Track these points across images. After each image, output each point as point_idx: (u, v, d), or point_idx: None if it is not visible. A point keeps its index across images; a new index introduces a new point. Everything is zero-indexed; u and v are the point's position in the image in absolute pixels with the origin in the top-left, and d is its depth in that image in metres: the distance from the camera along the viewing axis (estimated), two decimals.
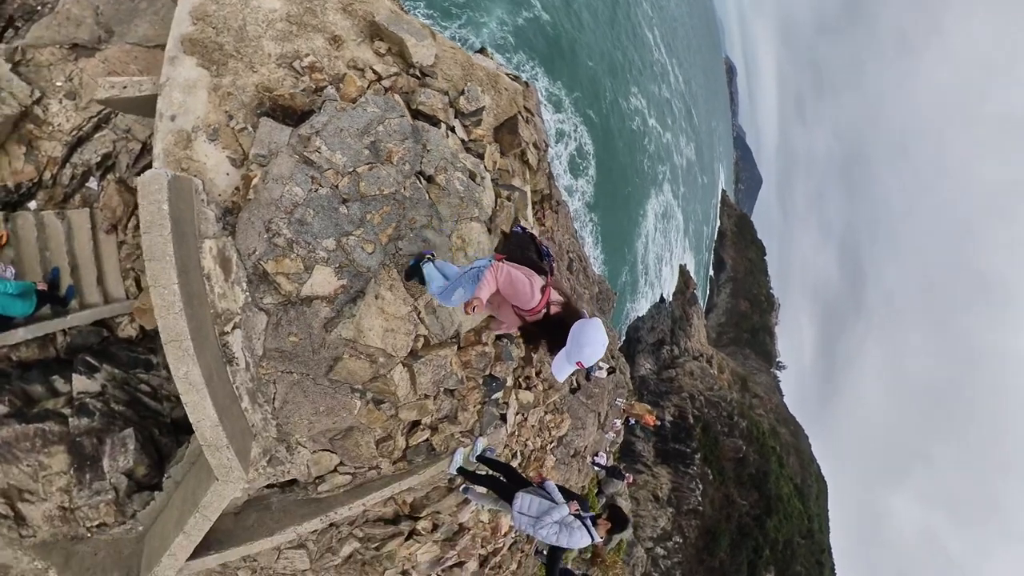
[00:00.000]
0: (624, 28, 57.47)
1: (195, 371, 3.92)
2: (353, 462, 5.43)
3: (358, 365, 4.97)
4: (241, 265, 4.69)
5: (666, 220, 65.23)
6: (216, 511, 4.39)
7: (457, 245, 5.99)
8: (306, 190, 4.78)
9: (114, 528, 5.49)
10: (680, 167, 72.09)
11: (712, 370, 50.70)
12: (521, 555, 10.70)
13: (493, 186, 7.73)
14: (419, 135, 5.46)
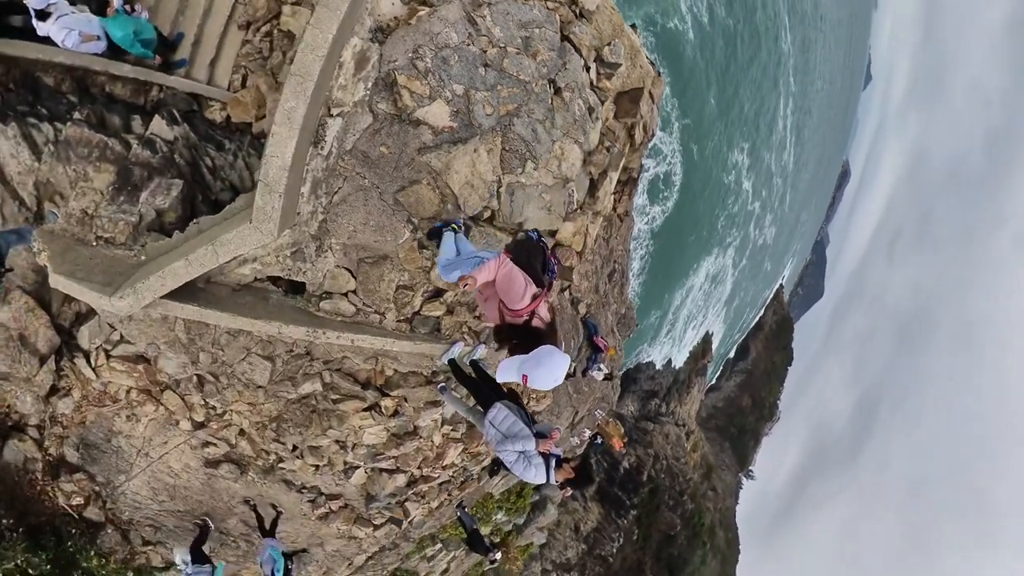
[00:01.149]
0: (760, 83, 55.63)
1: (300, 111, 3.90)
2: (366, 296, 5.34)
3: (429, 196, 4.96)
4: (376, 68, 4.91)
5: (714, 284, 63.90)
6: (229, 253, 4.35)
7: (556, 154, 6.02)
8: (460, 40, 5.23)
9: (118, 248, 5.54)
10: (752, 242, 70.24)
11: (686, 444, 50.01)
12: (446, 497, 10.63)
13: (605, 130, 7.63)
14: (563, 53, 6.17)
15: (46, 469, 7.54)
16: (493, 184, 5.67)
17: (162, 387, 6.68)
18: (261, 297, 5.40)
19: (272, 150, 4.11)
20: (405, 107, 5.04)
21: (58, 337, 6.44)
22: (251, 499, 8.35)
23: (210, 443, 7.36)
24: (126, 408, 6.99)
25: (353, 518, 9.26)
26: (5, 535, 7.18)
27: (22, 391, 6.65)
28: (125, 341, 6.35)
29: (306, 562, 9.86)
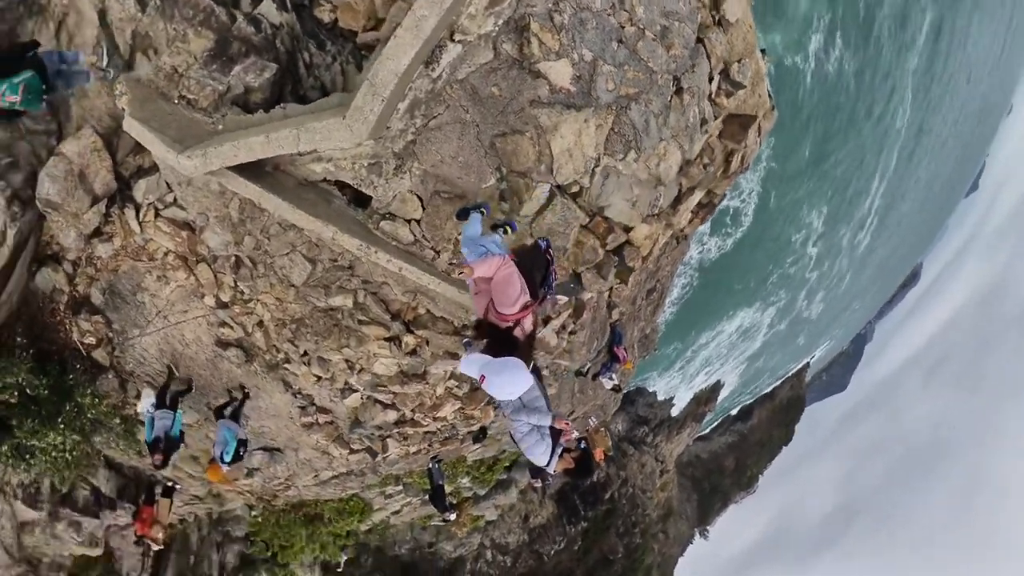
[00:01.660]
0: (860, 152, 52.39)
1: (430, 23, 3.75)
2: (428, 230, 5.25)
3: (527, 151, 4.83)
4: (513, 7, 4.73)
5: (743, 337, 62.12)
6: (313, 142, 4.30)
7: (659, 153, 5.84)
8: (602, 7, 5.06)
9: (198, 112, 5.58)
10: (795, 310, 67.70)
11: (657, 480, 49.68)
12: (426, 447, 10.74)
13: (706, 146, 7.38)
14: (695, 55, 6.04)
15: (69, 304, 7.89)
16: (591, 160, 5.51)
17: (199, 258, 6.82)
18: (324, 198, 5.37)
19: (389, 52, 3.98)
20: (530, 55, 4.89)
21: (115, 184, 6.62)
22: (247, 388, 8.54)
23: (227, 325, 7.52)
24: (159, 269, 7.21)
25: (334, 436, 9.44)
26: (16, 352, 7.64)
27: (68, 225, 6.85)
28: (177, 205, 6.47)
29: (277, 460, 10.15)
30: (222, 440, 7.76)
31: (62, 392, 8.21)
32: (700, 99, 6.51)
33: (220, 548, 18.59)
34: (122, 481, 11.41)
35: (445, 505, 11.88)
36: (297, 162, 5.19)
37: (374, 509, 14.47)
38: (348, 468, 10.91)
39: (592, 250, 6.39)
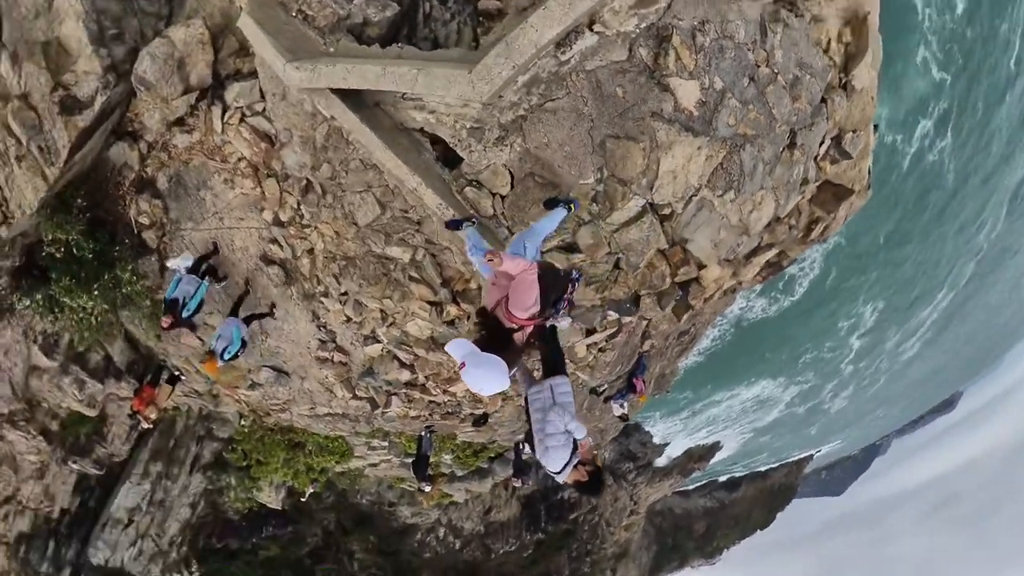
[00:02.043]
0: (935, 256, 49.41)
1: (585, 4, 3.56)
2: (510, 208, 5.16)
3: (636, 160, 4.73)
4: (658, 14, 4.65)
5: (758, 408, 60.19)
6: (429, 86, 4.26)
7: (755, 201, 6.10)
8: (744, 40, 5.06)
9: (312, 30, 5.62)
10: (818, 397, 64.95)
11: (624, 520, 49.21)
12: (427, 415, 10.77)
13: (795, 206, 7.20)
14: (816, 114, 6.05)
15: (135, 182, 8.15)
16: (692, 189, 5.41)
17: (270, 173, 6.87)
18: (415, 148, 5.30)
19: (535, 21, 3.86)
20: (664, 67, 4.75)
21: (211, 80, 6.78)
22: (275, 308, 8.57)
23: (277, 243, 7.59)
24: (228, 172, 7.32)
25: (343, 377, 9.53)
26: (73, 211, 7.99)
27: (154, 108, 7.05)
28: (265, 116, 6.51)
29: (282, 383, 10.31)
30: (228, 336, 7.82)
31: (104, 261, 8.54)
32: (808, 158, 6.49)
33: (200, 442, 19.28)
34: (134, 357, 11.83)
35: (425, 475, 11.91)
36: (399, 104, 5.12)
37: (354, 455, 14.67)
38: (345, 411, 11.03)
39: (661, 276, 6.28)
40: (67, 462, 14.40)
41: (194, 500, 19.57)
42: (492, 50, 3.96)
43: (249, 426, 13.74)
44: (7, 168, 7.58)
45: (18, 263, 9.02)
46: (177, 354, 11.00)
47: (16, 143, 7.25)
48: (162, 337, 10.42)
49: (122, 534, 17.94)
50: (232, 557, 21.87)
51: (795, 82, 5.59)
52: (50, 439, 13.09)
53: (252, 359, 9.81)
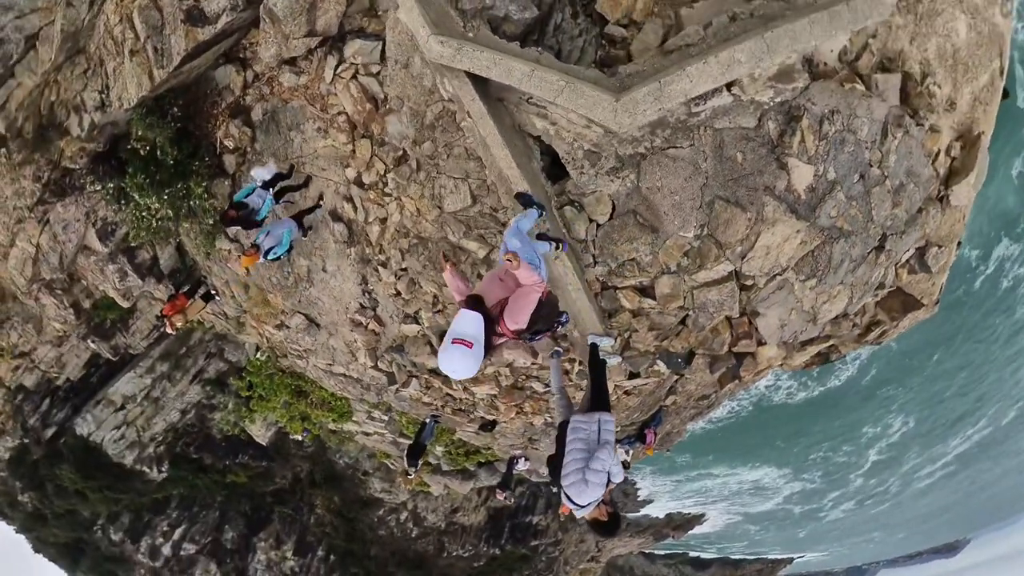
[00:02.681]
0: (981, 388, 45.97)
1: (741, 69, 3.55)
2: (601, 238, 5.17)
3: (739, 228, 4.88)
4: (794, 93, 4.80)
5: (754, 494, 57.57)
6: (572, 101, 4.45)
7: (831, 294, 6.20)
8: (865, 138, 5.27)
9: (455, 11, 5.70)
10: (818, 502, 61.71)
11: (583, 563, 48.61)
12: (437, 405, 10.84)
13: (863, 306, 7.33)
14: (912, 222, 6.19)
15: (232, 106, 8.39)
16: (778, 268, 5.47)
17: (366, 134, 6.91)
18: (527, 153, 5.32)
19: (693, 73, 3.85)
20: (786, 145, 4.86)
21: (336, 30, 6.82)
22: (322, 200, 8.30)
23: (352, 202, 7.69)
24: (325, 122, 7.43)
25: (371, 345, 9.63)
26: (167, 116, 8.30)
27: (273, 42, 7.08)
28: (378, 79, 6.55)
29: (311, 333, 10.48)
30: (278, 236, 7.59)
31: (181, 171, 8.78)
32: (891, 264, 6.67)
33: (209, 358, 19.94)
34: (179, 265, 12.26)
35: (416, 461, 11.97)
36: (522, 106, 5.14)
37: (352, 419, 14.85)
38: (360, 377, 11.15)
39: (721, 342, 6.31)
40: (87, 339, 15.11)
41: (186, 408, 20.39)
42: (643, 87, 3.94)
43: (263, 361, 14.04)
44: (119, 58, 7.90)
45: (101, 149, 9.40)
46: (220, 275, 11.32)
47: (134, 38, 7.49)
48: (211, 256, 10.72)
49: (111, 415, 18.85)
50: (202, 471, 22.67)
51: (900, 188, 5.74)
52: (79, 314, 13.70)
53: (290, 301, 10.01)
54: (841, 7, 4.23)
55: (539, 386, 8.99)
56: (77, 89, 8.76)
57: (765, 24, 4.45)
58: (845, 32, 4.39)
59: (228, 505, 25.76)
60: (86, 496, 20.22)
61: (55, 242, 11.45)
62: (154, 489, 21.77)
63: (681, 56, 4.49)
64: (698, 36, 4.55)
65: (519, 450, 14.55)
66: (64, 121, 9.27)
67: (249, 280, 10.49)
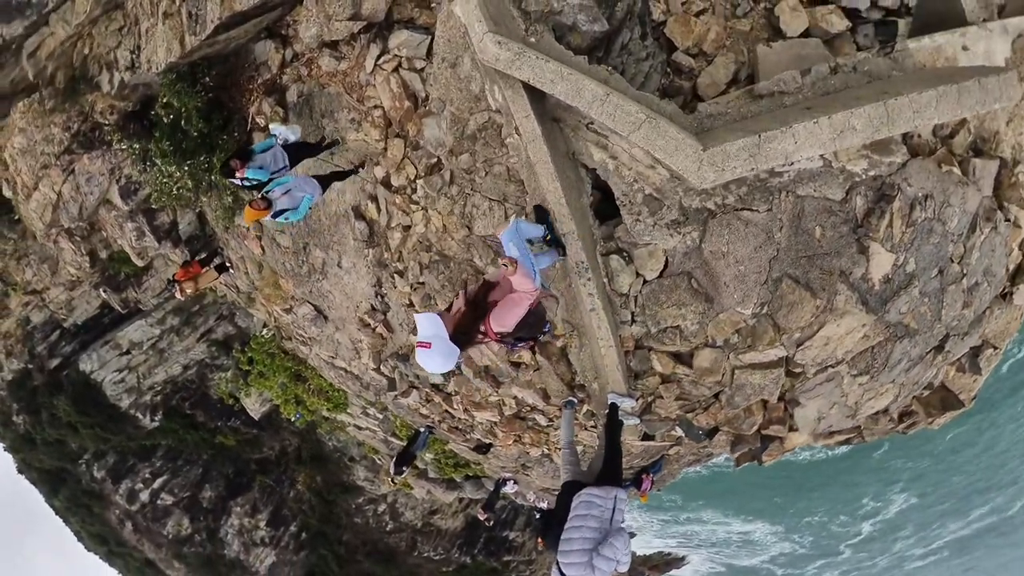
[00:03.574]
0: (986, 480, 44.98)
1: (855, 139, 3.08)
2: (646, 296, 4.60)
3: (804, 312, 4.42)
4: (889, 169, 4.31)
5: (741, 547, 55.25)
6: (649, 140, 3.72)
7: (879, 391, 5.74)
8: (952, 229, 4.88)
9: (517, 11, 5.07)
10: (802, 566, 61.36)
11: None
12: (435, 420, 10.43)
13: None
14: (976, 323, 5.83)
15: (267, 83, 7.96)
16: (832, 360, 4.98)
17: (401, 134, 6.43)
18: (577, 187, 4.77)
19: (800, 134, 3.34)
20: (872, 226, 4.32)
21: (382, 17, 6.30)
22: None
23: (376, 202, 7.18)
24: (360, 114, 6.95)
25: (376, 348, 9.23)
26: (198, 85, 7.95)
27: (315, 22, 6.68)
28: (421, 75, 6.05)
29: (318, 325, 10.14)
30: (296, 200, 6.41)
31: (207, 143, 8.44)
32: (945, 366, 6.30)
33: (220, 319, 19.84)
34: (198, 233, 12.00)
35: (403, 469, 11.60)
36: (580, 131, 4.57)
37: (346, 411, 14.54)
38: (361, 375, 10.79)
39: (751, 424, 5.71)
40: (99, 288, 15.04)
41: (189, 363, 20.52)
42: (738, 140, 3.36)
43: (267, 338, 13.78)
44: (152, 19, 7.53)
45: (132, 108, 9.19)
46: (236, 250, 11.04)
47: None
48: (229, 229, 10.43)
49: (116, 358, 19.05)
50: (193, 427, 22.88)
51: (974, 287, 5.34)
52: (94, 262, 13.59)
53: (301, 290, 9.66)
54: (972, 84, 3.56)
55: (542, 420, 8.51)
56: (111, 45, 8.47)
57: (870, 82, 3.86)
58: (970, 112, 3.75)
59: (212, 465, 25.92)
60: (77, 429, 20.39)
61: (77, 192, 11.27)
62: (144, 436, 21.97)
63: (774, 104, 3.88)
64: (795, 84, 3.92)
65: (509, 473, 14.09)
66: (96, 76, 9.03)
67: (264, 260, 10.17)
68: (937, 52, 4.11)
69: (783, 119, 3.54)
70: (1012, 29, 4.20)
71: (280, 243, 9.15)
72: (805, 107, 3.71)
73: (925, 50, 4.09)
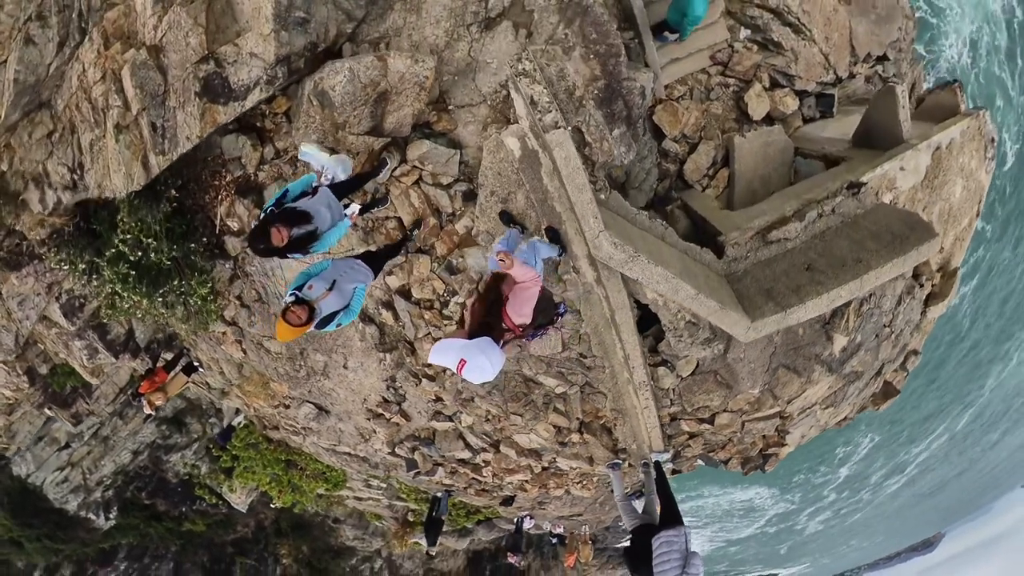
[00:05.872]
0: (938, 397, 51.70)
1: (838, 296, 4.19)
2: (683, 390, 6.23)
3: (794, 386, 6.46)
4: None
5: (743, 515, 60.88)
6: (707, 309, 5.04)
7: (840, 412, 8.27)
8: (885, 310, 6.77)
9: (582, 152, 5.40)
10: (795, 519, 66.57)
11: None
12: (461, 488, 10.76)
13: None
14: (902, 351, 8.26)
15: (240, 181, 6.95)
16: (808, 405, 7.13)
17: (429, 250, 6.11)
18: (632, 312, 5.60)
19: (811, 306, 4.95)
20: (836, 325, 6.14)
21: (408, 132, 5.76)
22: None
23: (392, 309, 7.06)
24: (369, 224, 6.32)
25: (391, 437, 9.41)
26: (161, 199, 6.86)
27: (317, 127, 5.74)
28: (447, 190, 5.76)
29: (320, 421, 10.16)
30: (346, 295, 4.73)
31: (180, 257, 7.52)
32: (883, 377, 8.55)
33: (203, 422, 18.71)
34: (159, 337, 11.54)
35: (435, 539, 11.81)
36: (637, 279, 5.33)
37: (346, 486, 14.53)
38: (368, 457, 10.91)
39: (755, 449, 7.90)
40: (43, 408, 14.08)
41: (139, 448, 19.32)
42: (773, 316, 4.92)
43: (245, 432, 13.51)
44: (99, 131, 6.09)
45: (73, 223, 7.69)
46: (208, 352, 10.75)
47: (122, 107, 5.67)
48: (199, 335, 10.09)
49: (54, 455, 17.65)
50: (155, 519, 21.61)
51: (900, 334, 7.40)
52: (33, 380, 12.67)
53: (298, 391, 9.64)
54: (913, 253, 5.09)
55: (564, 462, 9.00)
56: (38, 158, 6.86)
57: (843, 222, 5.49)
58: (911, 266, 5.48)
59: (184, 556, 24.59)
60: (22, 545, 18.94)
61: (9, 320, 10.41)
62: (100, 538, 20.59)
63: (780, 248, 5.39)
64: (795, 233, 5.40)
65: (526, 512, 14.61)
66: (21, 192, 7.33)
67: (247, 363, 9.99)
68: (884, 177, 5.56)
69: (798, 289, 5.04)
70: (933, 144, 5.45)
71: (270, 349, 9.08)
72: (804, 266, 5.12)
73: (876, 178, 5.53)
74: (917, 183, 6.02)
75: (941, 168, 6.20)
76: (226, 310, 8.67)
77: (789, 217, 5.43)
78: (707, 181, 6.70)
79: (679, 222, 6.37)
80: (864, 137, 6.24)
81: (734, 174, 6.32)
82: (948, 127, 6.07)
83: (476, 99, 5.72)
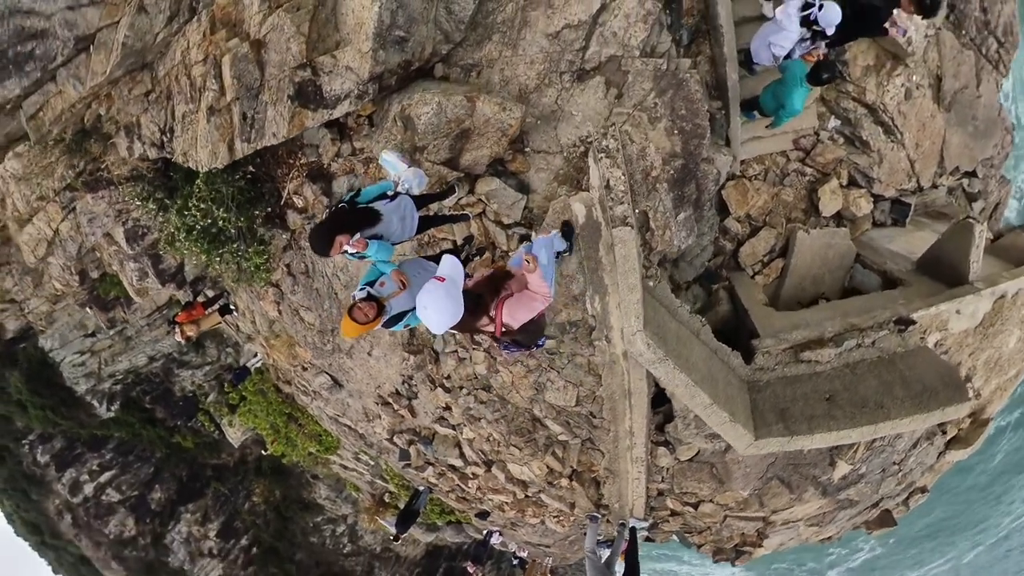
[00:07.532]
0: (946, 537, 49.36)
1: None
2: (676, 472, 6.09)
3: (783, 499, 6.79)
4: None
5: None
6: (719, 422, 5.32)
7: (824, 530, 8.16)
8: (898, 450, 6.89)
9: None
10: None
11: None
12: (446, 491, 11.29)
13: None
14: (908, 488, 8.37)
15: (313, 167, 7.51)
16: (793, 519, 7.50)
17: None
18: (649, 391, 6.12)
19: (819, 440, 5.29)
20: (841, 453, 6.43)
21: (483, 171, 5.97)
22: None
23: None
24: (424, 236, 6.61)
25: (393, 426, 10.05)
26: (239, 172, 7.42)
27: (395, 143, 6.06)
28: (505, 230, 5.96)
29: (333, 392, 10.84)
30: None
31: (245, 222, 7.97)
32: (879, 508, 8.55)
33: (220, 349, 19.70)
34: (204, 274, 12.46)
35: (406, 528, 12.43)
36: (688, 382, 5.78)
37: (337, 452, 15.24)
38: (366, 435, 11.59)
39: (730, 542, 8.23)
40: (85, 307, 15.23)
41: (155, 355, 20.30)
42: (776, 439, 5.17)
43: (259, 377, 14.36)
44: (192, 106, 6.51)
45: (150, 171, 8.57)
46: (246, 300, 11.50)
47: (218, 91, 6.06)
48: (241, 285, 10.62)
49: (79, 339, 18.71)
50: (150, 423, 22.65)
51: (909, 472, 7.47)
52: (83, 280, 13.63)
53: (320, 361, 10.32)
54: (937, 413, 5.07)
55: (548, 499, 9.53)
56: (134, 112, 7.46)
57: (880, 358, 5.45)
58: (932, 423, 5.56)
59: (165, 465, 25.56)
60: (26, 408, 20.29)
61: (77, 232, 11.19)
62: (96, 425, 21.67)
63: (810, 369, 5.48)
64: (828, 358, 5.51)
65: (497, 527, 15.10)
66: (112, 135, 8.10)
67: (280, 323, 10.71)
68: (936, 316, 5.42)
69: (811, 418, 5.18)
70: (999, 292, 5.46)
71: (304, 319, 9.75)
72: (826, 395, 5.27)
73: (929, 316, 5.41)
74: (970, 328, 5.84)
75: (1000, 317, 5.96)
76: (274, 273, 9.29)
77: (827, 340, 5.46)
78: (760, 267, 6.69)
79: (721, 304, 6.45)
80: (930, 264, 6.01)
81: (788, 267, 6.33)
82: (1019, 275, 5.85)
83: (554, 148, 5.87)
